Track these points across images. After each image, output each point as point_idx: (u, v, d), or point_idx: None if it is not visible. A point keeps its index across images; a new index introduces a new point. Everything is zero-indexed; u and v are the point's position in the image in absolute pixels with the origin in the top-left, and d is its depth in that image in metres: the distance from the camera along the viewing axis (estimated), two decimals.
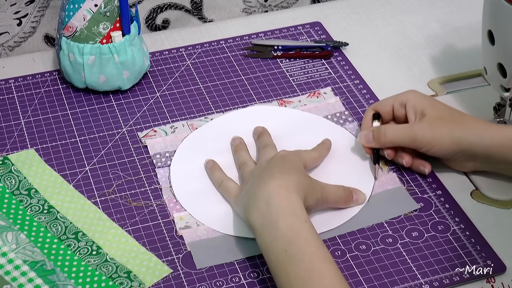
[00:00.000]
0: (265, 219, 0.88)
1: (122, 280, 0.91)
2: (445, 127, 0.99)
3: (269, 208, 0.88)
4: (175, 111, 1.14)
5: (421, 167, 1.03)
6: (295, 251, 0.85)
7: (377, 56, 1.25)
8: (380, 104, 1.06)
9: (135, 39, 1.15)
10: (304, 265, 0.84)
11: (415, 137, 0.99)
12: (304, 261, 0.84)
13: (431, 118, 0.99)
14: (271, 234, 0.87)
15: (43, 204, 1.00)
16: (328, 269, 0.84)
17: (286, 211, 0.88)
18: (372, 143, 1.02)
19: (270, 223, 0.87)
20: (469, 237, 0.97)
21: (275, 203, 0.88)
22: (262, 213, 0.89)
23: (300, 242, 0.85)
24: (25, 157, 1.06)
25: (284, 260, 0.85)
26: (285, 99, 1.16)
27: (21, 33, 1.26)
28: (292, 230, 0.86)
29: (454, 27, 1.30)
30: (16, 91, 1.18)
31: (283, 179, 0.91)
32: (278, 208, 0.88)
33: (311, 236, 0.86)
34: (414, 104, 1.02)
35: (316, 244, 0.86)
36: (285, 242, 0.86)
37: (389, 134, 1.01)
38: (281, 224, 0.87)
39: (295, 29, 1.30)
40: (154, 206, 1.01)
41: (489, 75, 1.06)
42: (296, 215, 0.88)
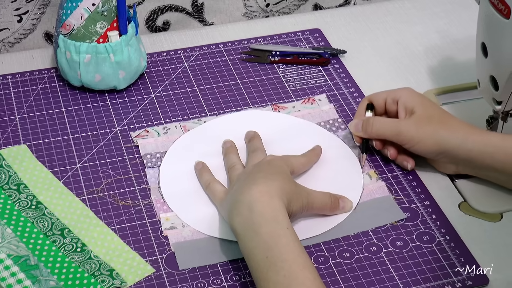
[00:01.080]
0: (247, 224, 0.88)
1: (104, 277, 0.92)
2: (430, 126, 1.01)
3: (251, 214, 0.88)
4: (169, 112, 1.15)
5: (405, 162, 1.05)
6: (275, 258, 0.85)
7: (374, 65, 1.25)
8: (374, 95, 1.08)
9: (132, 39, 1.15)
10: (283, 272, 0.84)
11: (399, 132, 1.02)
12: (284, 268, 0.84)
13: (419, 117, 1.02)
14: (252, 240, 0.87)
15: (31, 199, 1.01)
16: (308, 277, 0.84)
17: (267, 217, 0.88)
18: (360, 132, 1.05)
19: (251, 229, 0.88)
20: (454, 249, 0.96)
21: (257, 209, 0.89)
22: (244, 219, 0.89)
23: (280, 249, 0.85)
24: (16, 152, 1.07)
25: (264, 267, 0.85)
26: (279, 105, 1.16)
27: (22, 29, 1.27)
28: (272, 237, 0.86)
29: (454, 39, 1.30)
30: (12, 87, 1.19)
31: (266, 185, 0.91)
32: (259, 214, 0.88)
33: (292, 243, 0.86)
34: (405, 101, 1.04)
35: (296, 251, 0.86)
36: (266, 248, 0.86)
37: (376, 126, 1.04)
38: (262, 230, 0.87)
39: (294, 35, 1.30)
40: (141, 205, 1.01)
41: (481, 88, 1.06)
42: (278, 222, 0.88)
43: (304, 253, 0.86)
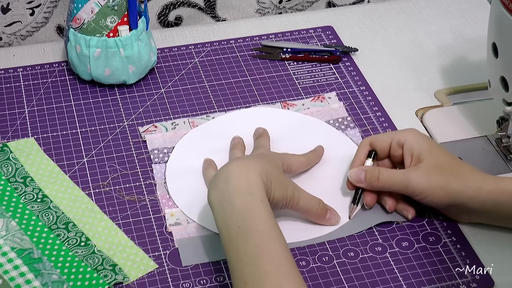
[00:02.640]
0: (222, 196, 0.88)
1: (106, 272, 0.92)
2: (441, 177, 0.94)
3: (227, 186, 0.88)
4: (178, 108, 1.15)
5: (405, 212, 0.98)
6: (247, 228, 0.85)
7: (386, 64, 1.24)
8: (377, 139, 1.00)
9: (142, 34, 1.15)
10: (253, 241, 0.84)
11: (409, 185, 0.94)
12: (254, 237, 0.84)
13: (428, 166, 0.95)
14: (226, 211, 0.87)
15: (37, 193, 1.01)
16: (277, 249, 0.84)
17: (242, 188, 0.88)
18: (362, 184, 0.97)
19: (226, 200, 0.88)
20: (460, 251, 0.95)
21: (233, 181, 0.88)
22: (220, 191, 0.89)
23: (252, 220, 0.85)
24: (24, 145, 1.07)
25: (235, 236, 0.85)
26: (288, 102, 1.16)
27: (34, 23, 1.27)
28: (246, 208, 0.86)
29: (467, 39, 1.29)
30: (23, 80, 1.19)
31: (245, 160, 0.92)
32: (234, 186, 0.88)
33: (265, 215, 0.86)
34: (411, 147, 0.97)
35: (268, 223, 0.86)
36: (239, 219, 0.86)
37: (383, 179, 0.96)
38: (236, 201, 0.87)
39: (306, 32, 1.30)
40: (146, 201, 1.01)
41: (492, 89, 1.05)
42: (252, 194, 0.88)
43: (277, 227, 0.86)
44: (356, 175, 0.97)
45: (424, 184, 0.94)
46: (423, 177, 0.94)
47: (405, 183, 0.95)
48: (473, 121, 1.12)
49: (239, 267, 0.83)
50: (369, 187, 0.97)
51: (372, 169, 0.97)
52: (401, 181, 0.95)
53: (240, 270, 0.83)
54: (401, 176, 0.95)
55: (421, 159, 0.95)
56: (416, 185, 0.94)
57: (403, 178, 0.95)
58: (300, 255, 0.95)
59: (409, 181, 0.94)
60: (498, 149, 1.08)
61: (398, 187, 0.96)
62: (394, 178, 0.96)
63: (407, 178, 0.95)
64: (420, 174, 0.94)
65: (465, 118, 1.13)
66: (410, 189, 0.95)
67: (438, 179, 0.94)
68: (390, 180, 0.96)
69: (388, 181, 0.96)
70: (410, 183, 0.94)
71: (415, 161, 0.96)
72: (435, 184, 0.94)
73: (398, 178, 0.95)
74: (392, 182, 0.96)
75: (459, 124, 1.12)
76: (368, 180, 0.97)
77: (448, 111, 1.15)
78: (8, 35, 1.27)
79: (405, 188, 0.95)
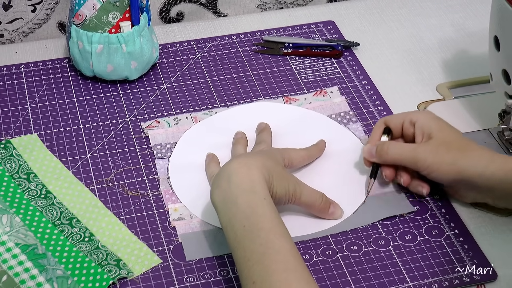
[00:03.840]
0: (225, 196, 0.88)
1: (111, 267, 0.92)
2: (449, 153, 0.95)
3: (230, 185, 0.89)
4: (180, 103, 1.15)
5: (419, 188, 1.00)
6: (252, 227, 0.85)
7: (388, 58, 1.24)
8: (391, 118, 1.03)
9: (144, 30, 1.15)
10: (259, 240, 0.84)
11: (416, 159, 0.96)
12: (260, 236, 0.84)
13: (437, 142, 0.97)
14: (230, 210, 0.87)
15: (41, 189, 1.01)
16: (284, 246, 0.84)
17: (245, 187, 0.88)
18: (374, 158, 1.00)
19: (230, 200, 0.88)
20: (463, 243, 0.96)
21: (235, 179, 0.89)
22: (222, 190, 0.89)
23: (257, 218, 0.86)
24: (27, 141, 1.08)
25: (241, 236, 0.85)
26: (290, 96, 1.16)
27: (35, 19, 1.27)
28: (250, 207, 0.87)
29: (469, 32, 1.29)
30: (25, 76, 1.20)
31: (246, 158, 0.92)
32: (237, 185, 0.88)
33: (269, 213, 0.86)
34: (422, 125, 0.99)
35: (273, 221, 0.86)
36: (244, 218, 0.86)
37: (391, 152, 0.98)
38: (239, 200, 0.87)
39: (308, 27, 1.30)
40: (150, 196, 1.02)
41: (494, 82, 1.05)
42: (255, 192, 0.88)
43: (282, 223, 0.86)
44: (368, 149, 1.00)
45: (432, 159, 0.96)
46: (431, 152, 0.96)
47: (413, 157, 0.97)
48: (475, 115, 1.13)
49: (247, 266, 0.83)
50: (379, 161, 1.00)
51: (382, 143, 1.00)
52: (410, 154, 0.97)
53: (248, 269, 0.83)
54: (410, 150, 0.98)
55: (431, 137, 0.98)
56: (423, 159, 0.96)
57: (412, 152, 0.97)
58: (304, 249, 0.95)
59: (417, 155, 0.96)
60: (500, 142, 1.08)
61: (407, 160, 0.98)
62: (402, 151, 0.98)
63: (416, 152, 0.97)
64: (429, 149, 0.96)
65: (467, 111, 1.13)
66: (418, 163, 0.97)
67: (446, 155, 0.96)
68: (399, 153, 0.98)
69: (397, 154, 0.98)
70: (418, 157, 0.96)
71: (426, 139, 0.98)
72: (442, 159, 0.95)
73: (406, 152, 0.98)
74: (400, 155, 0.98)
75: (461, 118, 1.13)
76: (379, 153, 0.99)
77: (450, 104, 1.15)
78: (10, 32, 1.27)
79: (413, 162, 0.97)
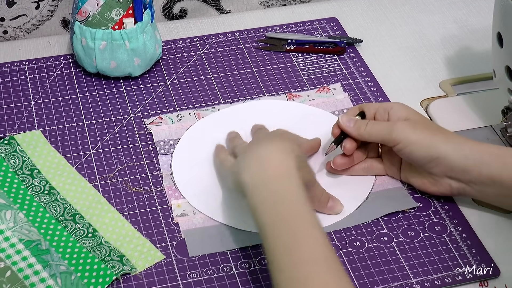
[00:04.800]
0: (258, 179, 0.88)
1: (114, 263, 0.92)
2: (426, 131, 0.96)
3: (263, 169, 0.88)
4: (183, 99, 1.15)
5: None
6: (284, 214, 0.84)
7: (390, 55, 1.24)
8: (366, 105, 1.03)
9: (147, 26, 1.15)
10: (291, 229, 0.83)
11: (392, 131, 0.97)
12: (291, 225, 0.83)
13: (414, 122, 0.98)
14: (261, 194, 0.87)
15: (44, 185, 1.02)
16: (315, 236, 0.83)
17: (279, 173, 0.88)
18: (350, 128, 1.00)
19: (262, 183, 0.87)
20: (466, 240, 0.96)
21: (269, 164, 0.88)
22: (254, 173, 0.88)
23: (290, 206, 0.85)
24: (30, 137, 1.08)
25: (272, 222, 0.84)
26: (293, 93, 1.16)
27: (39, 16, 1.27)
28: (284, 193, 0.86)
29: (472, 29, 1.29)
30: (29, 73, 1.20)
31: (281, 142, 0.91)
32: (271, 170, 0.88)
33: (302, 202, 0.86)
34: (398, 110, 1.00)
35: (306, 210, 0.85)
36: (276, 202, 0.85)
37: (369, 126, 0.99)
38: (273, 185, 0.87)
39: (311, 24, 1.30)
40: (153, 192, 1.02)
41: (497, 78, 1.05)
42: (290, 179, 0.87)
43: (314, 213, 0.85)
44: (347, 120, 1.00)
45: (408, 132, 0.96)
46: (407, 127, 0.97)
47: (389, 130, 0.97)
48: (478, 111, 1.13)
49: (275, 255, 0.82)
50: (355, 133, 0.99)
51: (362, 120, 1.01)
52: (386, 128, 0.98)
53: (277, 258, 0.82)
54: (388, 124, 0.98)
55: (408, 118, 0.99)
56: (399, 132, 0.96)
57: (389, 125, 0.98)
58: None
59: (393, 128, 0.97)
60: (503, 138, 1.08)
61: (382, 133, 0.98)
62: (380, 127, 0.98)
63: (391, 126, 0.97)
64: (406, 125, 0.97)
65: (470, 108, 1.14)
66: (393, 135, 0.97)
67: (422, 131, 0.96)
68: (376, 128, 0.98)
69: (373, 128, 0.99)
70: (394, 130, 0.97)
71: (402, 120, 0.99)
72: (418, 134, 0.96)
73: (383, 126, 0.98)
74: (377, 130, 0.98)
75: (464, 114, 1.13)
76: (357, 126, 0.99)
77: (453, 101, 1.15)
78: (13, 28, 1.27)
79: (388, 135, 0.97)
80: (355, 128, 0.99)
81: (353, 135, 1.00)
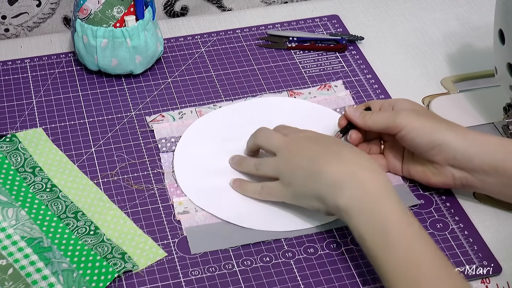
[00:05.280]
0: (360, 203, 0.88)
1: (116, 261, 0.92)
2: (429, 118, 0.98)
3: (364, 192, 0.89)
4: (185, 97, 1.15)
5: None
6: (394, 234, 0.85)
7: (392, 52, 1.24)
8: (371, 102, 1.05)
9: (149, 24, 1.15)
10: (404, 248, 0.84)
11: (395, 118, 0.98)
12: (403, 242, 0.85)
13: (418, 111, 0.99)
14: (367, 218, 0.87)
15: (46, 182, 1.02)
16: (430, 251, 0.84)
17: (381, 193, 0.89)
18: (355, 117, 1.01)
19: (366, 208, 0.88)
20: (467, 237, 0.96)
21: (369, 187, 0.89)
22: (354, 197, 0.89)
23: (398, 225, 0.86)
24: (32, 135, 1.08)
25: (382, 244, 0.85)
26: (295, 90, 1.16)
27: (40, 14, 1.27)
28: (388, 214, 0.87)
29: (474, 26, 1.29)
30: (30, 70, 1.20)
31: (371, 163, 0.92)
32: (372, 192, 0.88)
33: (407, 218, 0.87)
34: (402, 104, 1.01)
35: (415, 226, 0.86)
36: (384, 224, 0.86)
37: (374, 115, 1.00)
38: (377, 209, 0.87)
39: (312, 21, 1.30)
40: (155, 190, 1.02)
41: (499, 75, 1.05)
42: (390, 197, 0.88)
43: (422, 228, 0.87)
44: (354, 109, 1.02)
45: (411, 118, 0.97)
46: (411, 114, 0.98)
47: (393, 117, 0.98)
48: (480, 108, 1.13)
49: (393, 274, 0.84)
50: (360, 121, 1.01)
51: (367, 111, 1.02)
52: (391, 115, 0.99)
53: (394, 278, 0.84)
54: (392, 113, 0.99)
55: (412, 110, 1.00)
56: (404, 118, 0.97)
57: (393, 113, 0.99)
58: (308, 242, 0.95)
59: (397, 115, 0.98)
60: (505, 135, 1.08)
61: (387, 121, 0.98)
62: (384, 115, 0.99)
63: (396, 113, 0.99)
64: (409, 112, 0.98)
65: (472, 105, 1.14)
66: (397, 121, 0.97)
67: (426, 119, 0.97)
68: (380, 117, 0.99)
69: (378, 117, 1.00)
70: (398, 116, 0.98)
71: None
72: (421, 122, 0.97)
73: (388, 115, 0.99)
74: (382, 118, 0.99)
75: (466, 111, 1.13)
76: (362, 114, 1.01)
77: (455, 98, 1.15)
78: (15, 26, 1.27)
79: (392, 122, 0.98)
80: (361, 117, 1.01)
81: (358, 123, 1.01)
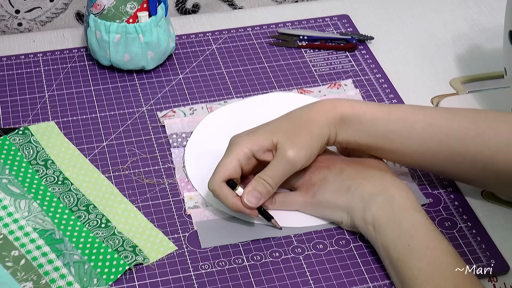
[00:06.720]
0: (387, 217, 0.90)
1: (127, 253, 0.93)
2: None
3: (391, 206, 0.91)
4: (196, 93, 1.16)
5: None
6: (418, 246, 0.87)
7: (401, 52, 1.25)
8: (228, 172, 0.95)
9: (161, 20, 1.16)
10: (427, 259, 0.86)
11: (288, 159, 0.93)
12: (427, 255, 0.86)
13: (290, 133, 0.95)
14: (394, 231, 0.89)
15: (58, 175, 1.03)
16: (451, 262, 0.86)
17: (408, 208, 0.91)
18: (261, 200, 0.94)
19: (393, 221, 0.90)
20: (475, 236, 0.97)
21: (398, 201, 0.91)
22: (382, 211, 0.91)
23: (423, 237, 0.88)
24: (44, 128, 1.09)
25: (407, 255, 0.87)
26: (305, 89, 1.17)
27: (53, 9, 1.28)
28: (414, 226, 0.89)
29: (483, 28, 1.30)
30: (43, 65, 1.21)
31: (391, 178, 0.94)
32: (401, 206, 0.91)
33: (432, 231, 0.89)
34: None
35: (437, 238, 0.88)
36: (408, 237, 0.88)
37: (270, 175, 0.93)
38: (404, 220, 0.89)
39: (322, 21, 1.31)
40: (165, 184, 1.03)
41: (508, 76, 1.06)
42: (418, 211, 0.91)
43: (445, 240, 0.88)
44: (254, 197, 0.94)
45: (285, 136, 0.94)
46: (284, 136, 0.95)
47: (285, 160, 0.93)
48: (488, 109, 1.13)
49: (416, 285, 0.85)
50: (268, 194, 0.94)
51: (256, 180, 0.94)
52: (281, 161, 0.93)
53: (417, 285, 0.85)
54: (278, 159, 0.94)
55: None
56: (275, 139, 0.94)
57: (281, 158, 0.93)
58: (317, 238, 0.96)
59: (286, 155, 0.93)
60: None
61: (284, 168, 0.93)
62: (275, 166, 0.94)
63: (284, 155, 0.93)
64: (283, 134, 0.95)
65: (481, 106, 1.14)
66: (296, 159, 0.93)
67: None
68: (275, 169, 0.94)
69: (274, 172, 0.94)
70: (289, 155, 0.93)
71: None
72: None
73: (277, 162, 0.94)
74: (277, 170, 0.94)
75: None
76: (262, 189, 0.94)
77: (463, 99, 1.16)
78: (28, 20, 1.28)
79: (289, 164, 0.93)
80: (266, 193, 0.94)
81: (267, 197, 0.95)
